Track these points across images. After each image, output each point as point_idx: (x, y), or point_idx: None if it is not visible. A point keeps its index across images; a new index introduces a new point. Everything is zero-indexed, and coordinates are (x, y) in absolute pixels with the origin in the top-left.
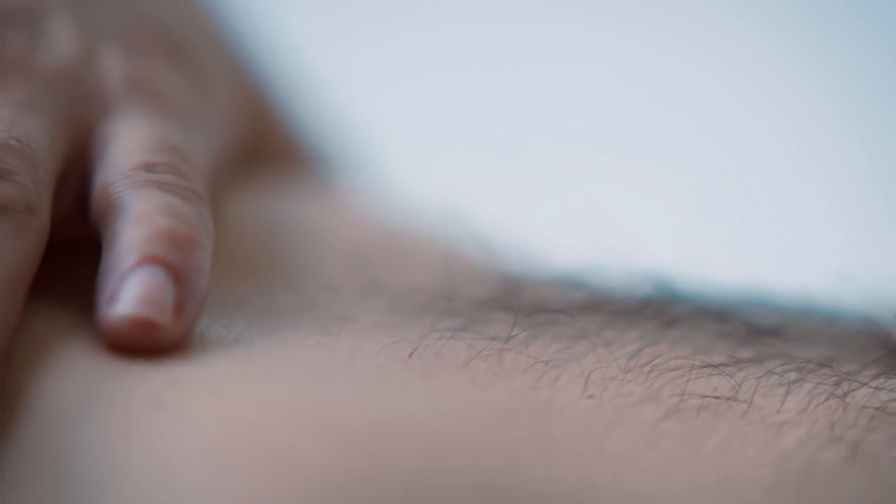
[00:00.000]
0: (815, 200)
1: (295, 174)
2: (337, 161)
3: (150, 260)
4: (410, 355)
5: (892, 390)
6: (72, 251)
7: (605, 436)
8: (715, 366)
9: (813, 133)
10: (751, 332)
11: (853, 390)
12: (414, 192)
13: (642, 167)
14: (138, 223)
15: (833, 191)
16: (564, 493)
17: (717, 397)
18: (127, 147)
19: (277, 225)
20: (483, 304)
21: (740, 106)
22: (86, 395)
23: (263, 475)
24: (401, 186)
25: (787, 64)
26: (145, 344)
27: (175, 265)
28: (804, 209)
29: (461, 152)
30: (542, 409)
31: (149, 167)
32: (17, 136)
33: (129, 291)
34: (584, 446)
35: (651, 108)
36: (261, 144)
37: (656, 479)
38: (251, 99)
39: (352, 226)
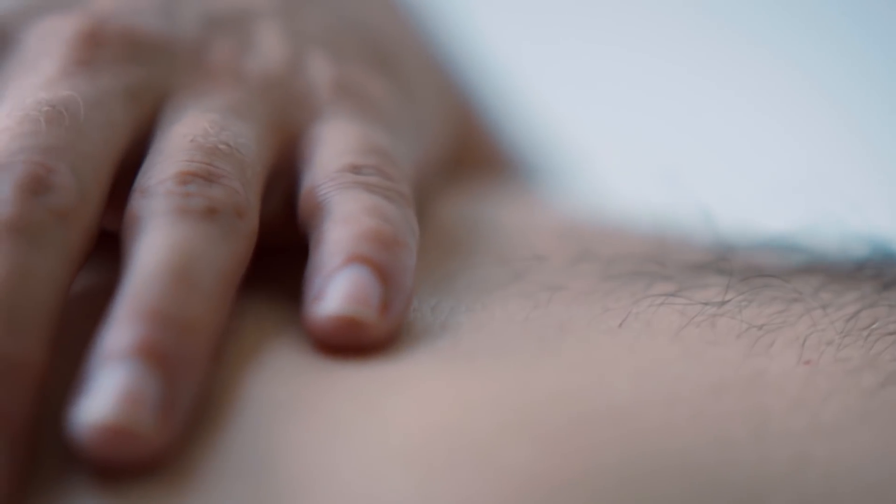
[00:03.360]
0: None
1: (499, 180)
2: (541, 167)
3: (356, 259)
4: (620, 325)
5: None
6: (281, 255)
7: (821, 407)
8: None
9: None
10: None
11: None
12: (616, 198)
13: (858, 131)
14: (345, 223)
15: None
16: (776, 473)
17: None
18: (334, 150)
19: (481, 224)
20: (696, 269)
21: None
22: (293, 395)
23: (467, 476)
24: (603, 193)
25: None
26: (352, 342)
27: (381, 264)
28: None
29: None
30: (756, 379)
31: (355, 169)
32: (227, 141)
33: (335, 290)
34: (799, 420)
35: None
36: (466, 151)
37: (873, 453)
38: (456, 106)
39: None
